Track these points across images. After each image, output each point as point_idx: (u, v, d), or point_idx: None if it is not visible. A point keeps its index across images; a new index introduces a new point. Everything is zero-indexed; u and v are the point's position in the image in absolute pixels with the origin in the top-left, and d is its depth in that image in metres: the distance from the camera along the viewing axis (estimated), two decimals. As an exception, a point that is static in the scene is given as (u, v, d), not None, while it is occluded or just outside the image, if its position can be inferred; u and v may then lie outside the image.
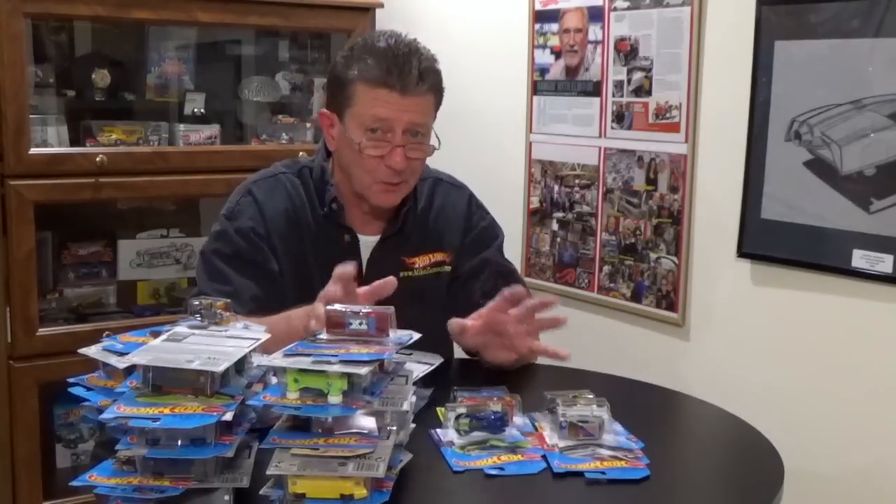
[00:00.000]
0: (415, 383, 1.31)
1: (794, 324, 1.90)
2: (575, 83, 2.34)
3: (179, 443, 1.09)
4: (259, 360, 1.23)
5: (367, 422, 1.14)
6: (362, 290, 1.46)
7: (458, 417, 1.37)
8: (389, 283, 1.43)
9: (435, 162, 1.98)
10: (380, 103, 1.65)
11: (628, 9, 2.18)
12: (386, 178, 1.69)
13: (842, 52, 1.75)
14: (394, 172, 1.68)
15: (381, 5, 2.82)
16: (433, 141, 1.74)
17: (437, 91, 1.72)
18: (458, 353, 1.91)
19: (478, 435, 1.36)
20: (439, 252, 1.82)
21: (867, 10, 1.71)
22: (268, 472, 1.09)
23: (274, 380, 1.17)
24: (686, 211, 2.09)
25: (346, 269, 1.43)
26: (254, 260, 1.72)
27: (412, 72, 1.65)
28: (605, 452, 1.32)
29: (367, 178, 1.70)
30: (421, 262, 1.78)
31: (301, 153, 2.58)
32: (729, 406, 1.61)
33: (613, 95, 2.24)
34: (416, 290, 1.74)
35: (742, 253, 1.97)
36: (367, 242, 1.77)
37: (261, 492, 1.11)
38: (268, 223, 1.74)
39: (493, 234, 1.90)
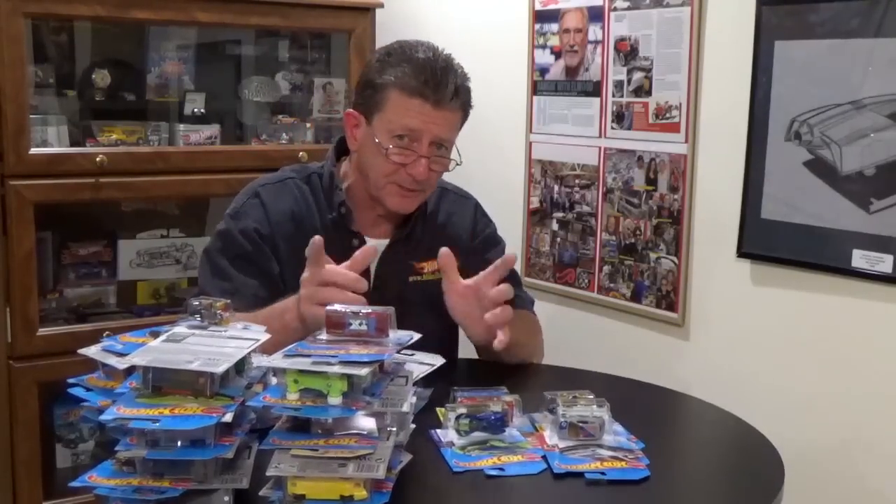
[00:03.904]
0: (415, 384, 1.31)
1: (794, 324, 1.90)
2: (575, 83, 2.34)
3: (179, 444, 1.09)
4: (259, 360, 1.23)
5: (366, 423, 1.14)
6: (351, 262, 1.53)
7: (458, 418, 1.37)
8: (370, 250, 1.56)
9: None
10: (412, 113, 1.68)
11: (628, 9, 2.18)
12: (405, 183, 1.72)
13: (842, 52, 1.75)
14: (414, 181, 1.71)
15: (381, 5, 2.81)
16: (454, 156, 1.77)
17: (465, 109, 1.77)
18: (461, 353, 1.91)
19: (478, 435, 1.36)
20: None
21: (867, 10, 1.71)
22: (267, 473, 1.09)
23: (274, 381, 1.17)
24: (686, 211, 2.09)
25: (315, 239, 1.49)
26: (255, 260, 1.73)
27: (448, 86, 1.69)
28: (605, 453, 1.32)
29: (384, 180, 1.73)
30: (430, 266, 1.80)
31: (301, 153, 2.58)
32: (729, 406, 1.61)
33: (613, 95, 2.24)
34: (426, 294, 1.75)
35: (742, 253, 1.97)
36: (376, 247, 1.78)
37: (260, 493, 1.11)
38: (272, 226, 1.75)
39: (496, 240, 1.95)
